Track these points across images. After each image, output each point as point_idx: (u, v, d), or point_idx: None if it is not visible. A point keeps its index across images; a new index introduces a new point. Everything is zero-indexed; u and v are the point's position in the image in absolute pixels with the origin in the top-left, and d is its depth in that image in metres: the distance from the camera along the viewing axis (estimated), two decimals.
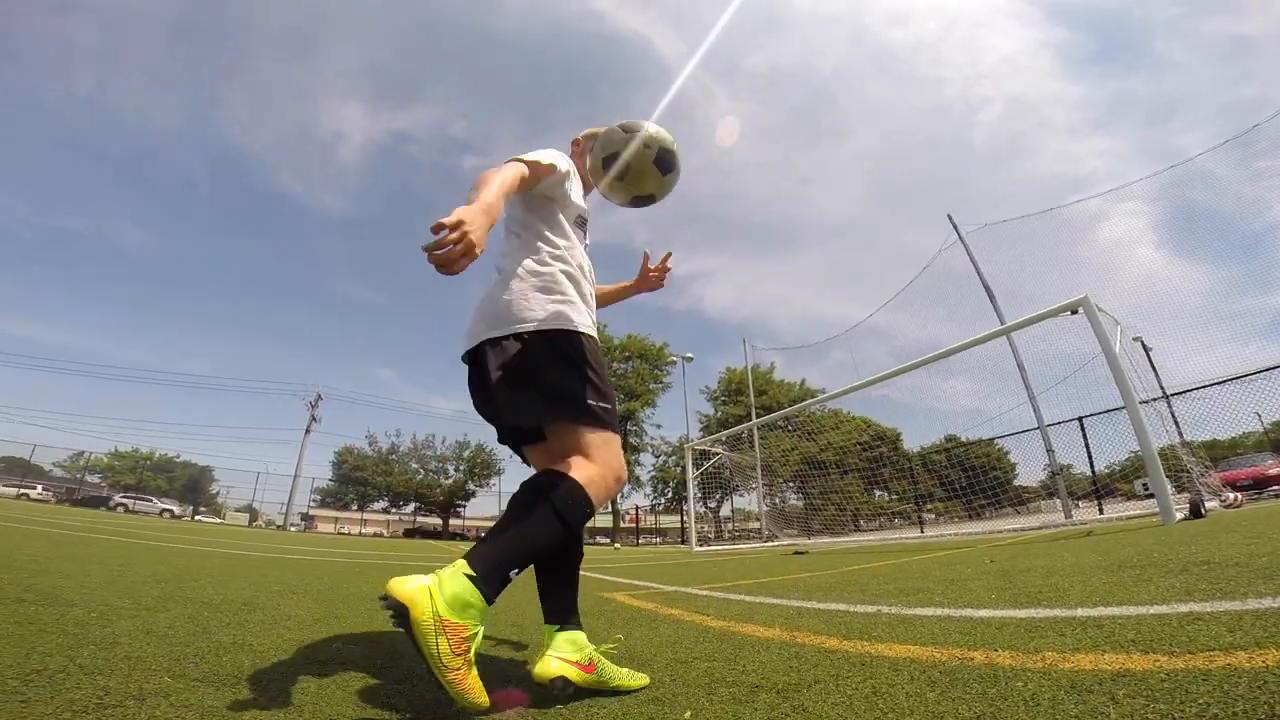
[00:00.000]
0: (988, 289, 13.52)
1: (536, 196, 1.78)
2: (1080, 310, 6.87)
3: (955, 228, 14.51)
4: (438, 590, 1.16)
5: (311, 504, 45.83)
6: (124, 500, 32.60)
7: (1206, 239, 12.51)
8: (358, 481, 48.47)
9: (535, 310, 1.59)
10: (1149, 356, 13.73)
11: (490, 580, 1.23)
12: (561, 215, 1.81)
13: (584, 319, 1.65)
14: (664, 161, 1.74)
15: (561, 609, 1.54)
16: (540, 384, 1.52)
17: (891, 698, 1.24)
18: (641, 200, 1.80)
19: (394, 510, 51.00)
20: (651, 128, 1.74)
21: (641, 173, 1.73)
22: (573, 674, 1.39)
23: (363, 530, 47.27)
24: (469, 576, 1.19)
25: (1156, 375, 12.81)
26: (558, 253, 1.73)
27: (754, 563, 7.17)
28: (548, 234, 1.75)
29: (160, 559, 4.79)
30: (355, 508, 50.51)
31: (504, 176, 1.51)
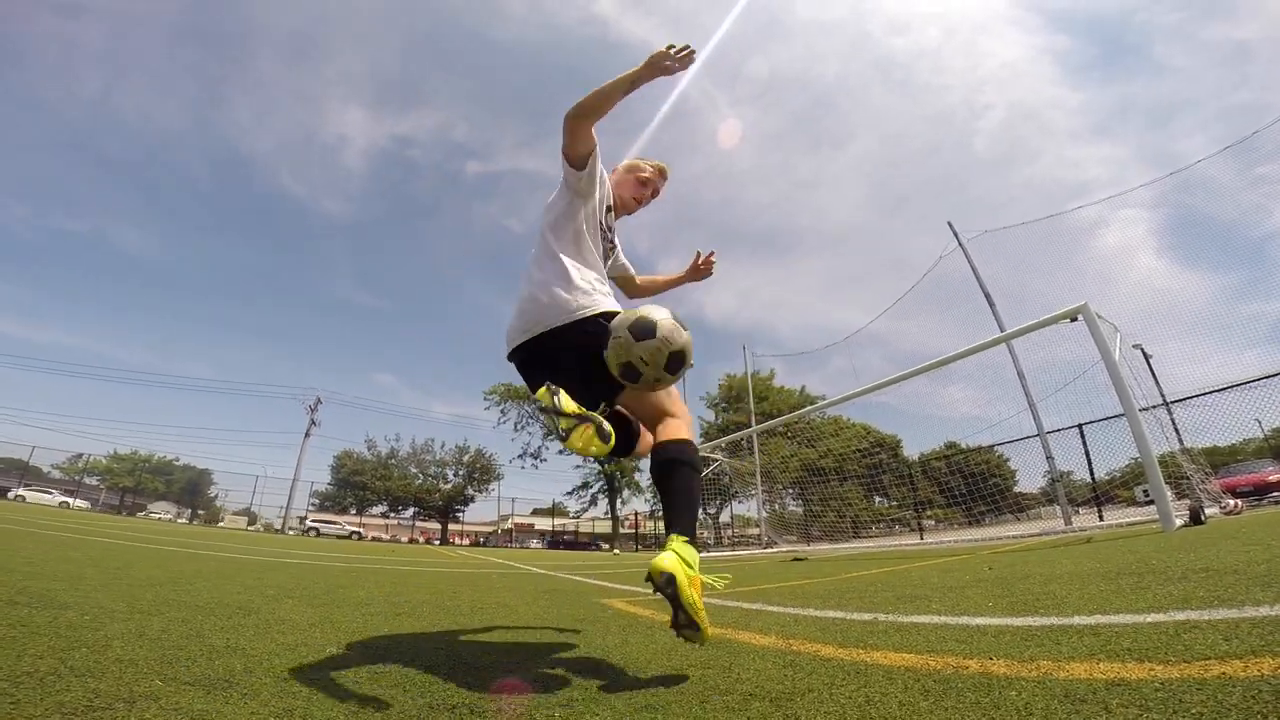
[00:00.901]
0: (987, 296, 13.50)
1: (562, 213, 2.12)
2: (1080, 317, 6.89)
3: (955, 234, 14.51)
4: (681, 559, 1.51)
5: (310, 508, 45.79)
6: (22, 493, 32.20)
7: (1207, 246, 12.49)
8: (357, 485, 48.43)
9: (583, 301, 1.95)
10: (1149, 363, 13.71)
11: (692, 536, 1.61)
12: (584, 233, 2.13)
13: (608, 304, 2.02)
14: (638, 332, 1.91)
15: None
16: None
17: (884, 706, 1.24)
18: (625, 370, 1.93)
19: (393, 515, 50.94)
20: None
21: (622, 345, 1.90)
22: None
23: (362, 533, 47.13)
24: (686, 541, 1.58)
25: (1156, 382, 12.79)
26: (575, 260, 2.07)
27: (752, 569, 7.14)
28: (562, 248, 2.08)
29: (158, 562, 4.79)
30: (354, 512, 50.45)
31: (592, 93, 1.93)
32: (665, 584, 1.46)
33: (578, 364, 1.95)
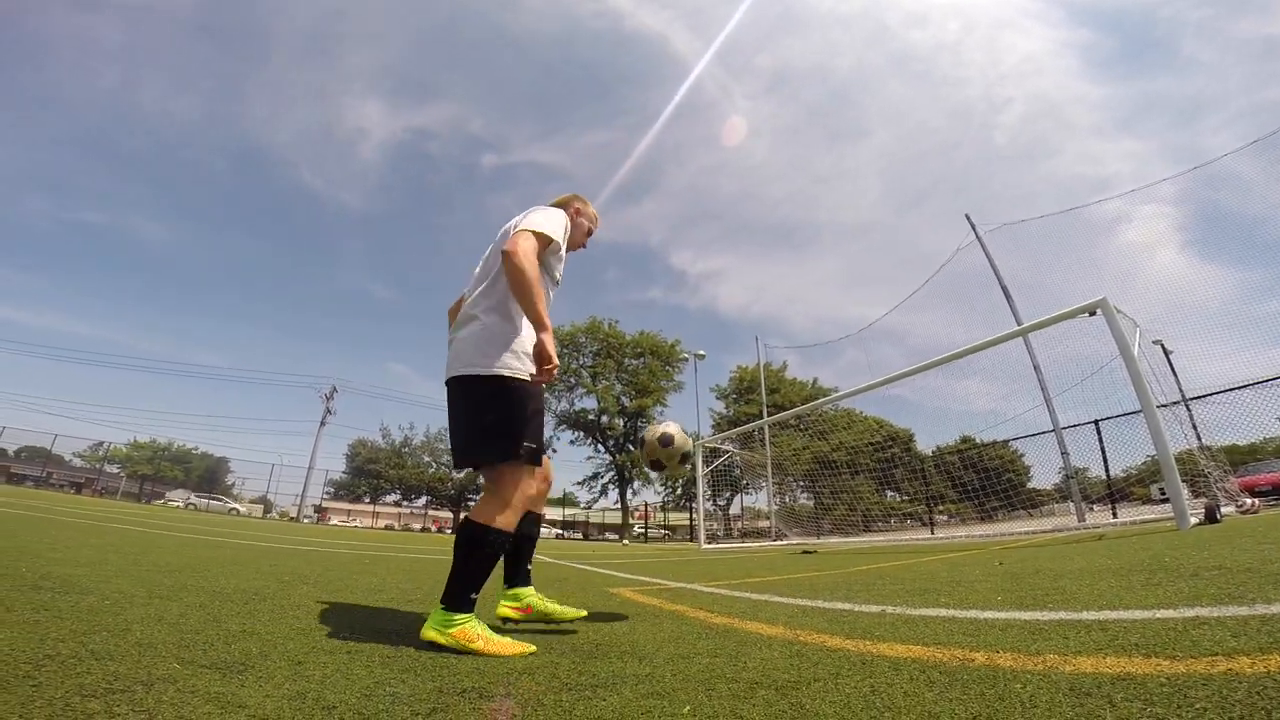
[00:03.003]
0: (1005, 289, 13.35)
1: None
2: (1099, 312, 6.79)
3: (973, 227, 14.34)
4: (435, 624, 1.82)
5: (325, 496, 46.27)
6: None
7: (1232, 242, 12.26)
8: (370, 474, 48.91)
9: (489, 358, 2.01)
10: (1169, 360, 13.52)
11: (457, 604, 1.84)
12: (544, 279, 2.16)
13: (524, 367, 2.04)
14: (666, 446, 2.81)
15: (510, 575, 2.39)
16: (476, 423, 2.03)
17: (889, 697, 1.25)
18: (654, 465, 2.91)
19: (406, 503, 51.41)
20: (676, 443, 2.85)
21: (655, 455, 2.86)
22: (512, 614, 2.32)
23: (374, 523, 47.65)
24: (442, 608, 1.84)
25: (1176, 378, 12.61)
26: (516, 312, 2.10)
27: (762, 561, 7.15)
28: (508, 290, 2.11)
29: (176, 548, 4.87)
30: (368, 500, 50.96)
31: (534, 278, 1.96)
32: (430, 646, 1.80)
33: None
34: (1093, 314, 6.90)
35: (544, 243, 2.09)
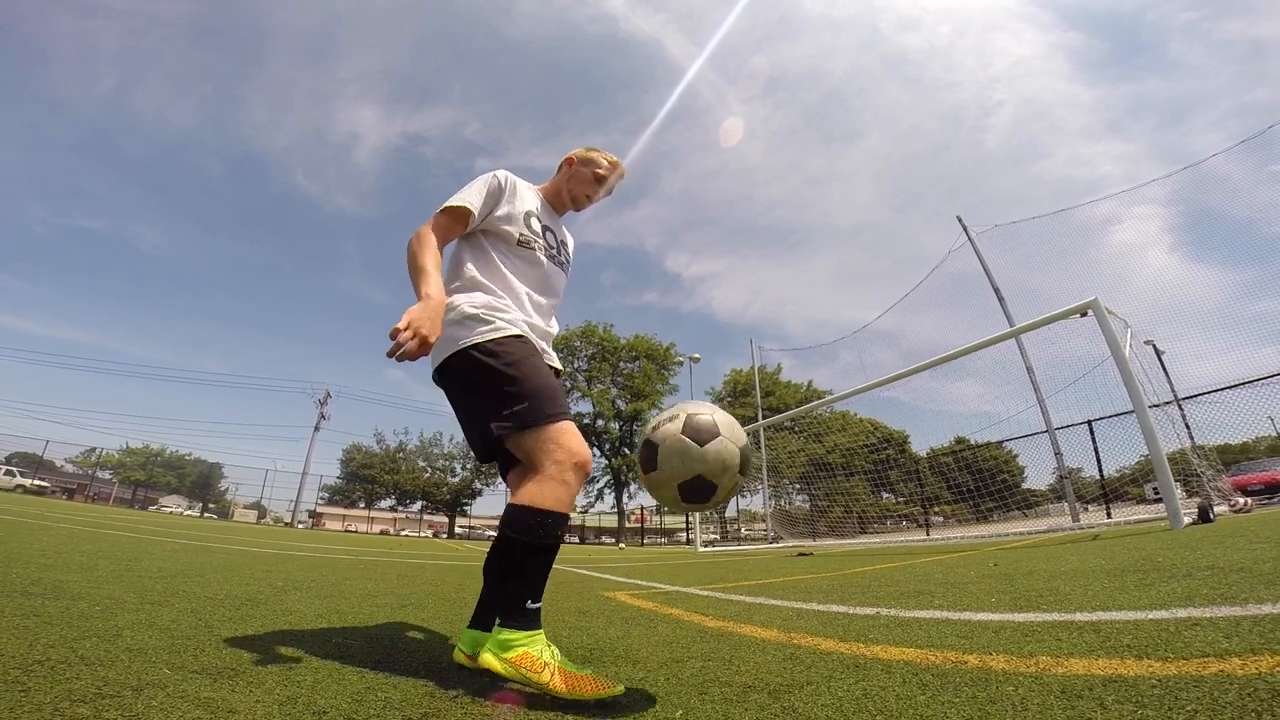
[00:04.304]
0: (997, 290, 13.41)
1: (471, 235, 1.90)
2: (1090, 313, 6.83)
3: (965, 229, 14.41)
4: (493, 647, 1.42)
5: (319, 501, 46.08)
6: None
7: (1221, 243, 12.36)
8: (365, 479, 48.71)
9: (443, 346, 1.71)
10: (1160, 360, 13.60)
11: (516, 619, 1.45)
12: (489, 246, 1.89)
13: (483, 330, 1.69)
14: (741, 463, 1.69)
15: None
16: (464, 413, 1.75)
17: (882, 700, 1.25)
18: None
19: (400, 508, 51.20)
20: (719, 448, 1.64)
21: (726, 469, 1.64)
22: (499, 667, 1.51)
23: (369, 528, 47.49)
24: (499, 625, 1.45)
25: (1168, 378, 12.69)
26: (478, 279, 1.82)
27: (757, 564, 7.16)
28: (468, 265, 1.85)
29: (168, 555, 4.84)
30: (362, 505, 50.74)
31: (431, 247, 1.71)
32: (487, 674, 1.44)
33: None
34: (1084, 315, 6.94)
35: (452, 215, 1.81)
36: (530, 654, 1.38)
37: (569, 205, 2.16)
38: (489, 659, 1.41)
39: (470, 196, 1.84)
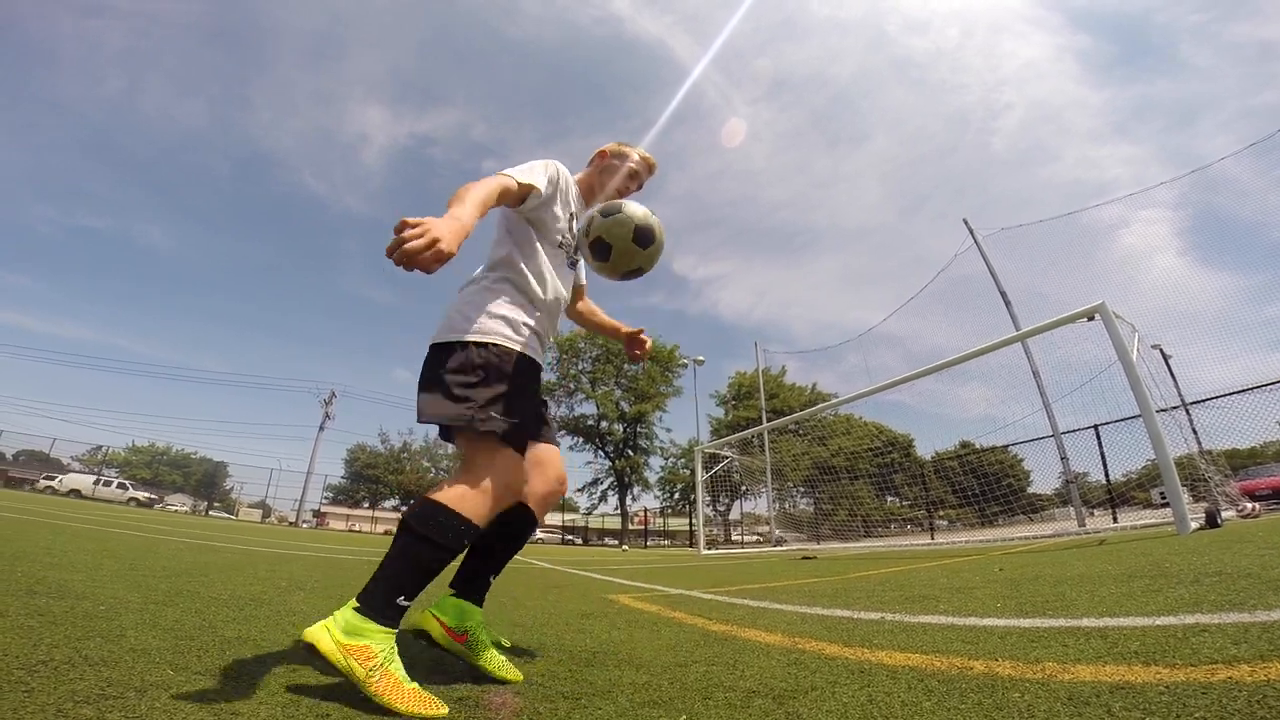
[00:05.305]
0: (1003, 294, 13.35)
1: (517, 217, 1.84)
2: (1097, 316, 6.79)
3: (971, 232, 14.36)
4: (333, 625, 1.32)
5: (324, 501, 46.20)
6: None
7: (1229, 246, 12.28)
8: (369, 479, 48.84)
9: (459, 324, 1.66)
10: (1168, 364, 13.53)
11: (376, 607, 1.36)
12: (538, 239, 1.85)
13: (495, 330, 1.67)
14: (642, 237, 1.81)
15: (463, 581, 1.76)
16: (433, 391, 1.61)
17: (887, 706, 1.24)
18: (630, 274, 1.90)
19: (405, 509, 51.25)
20: (628, 208, 1.84)
21: (624, 251, 1.82)
22: (436, 632, 1.66)
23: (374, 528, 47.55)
24: (355, 609, 1.35)
25: (1175, 383, 12.63)
26: (512, 275, 1.79)
27: (761, 567, 7.14)
28: (513, 256, 1.81)
29: (173, 554, 4.86)
30: (366, 505, 50.86)
31: (485, 189, 1.56)
32: (308, 651, 1.30)
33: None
34: (1091, 319, 6.90)
35: (521, 190, 1.73)
36: (370, 649, 1.31)
37: (609, 199, 2.11)
38: (321, 636, 1.29)
39: (540, 181, 1.79)
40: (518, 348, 1.70)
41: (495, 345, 1.65)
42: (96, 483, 32.26)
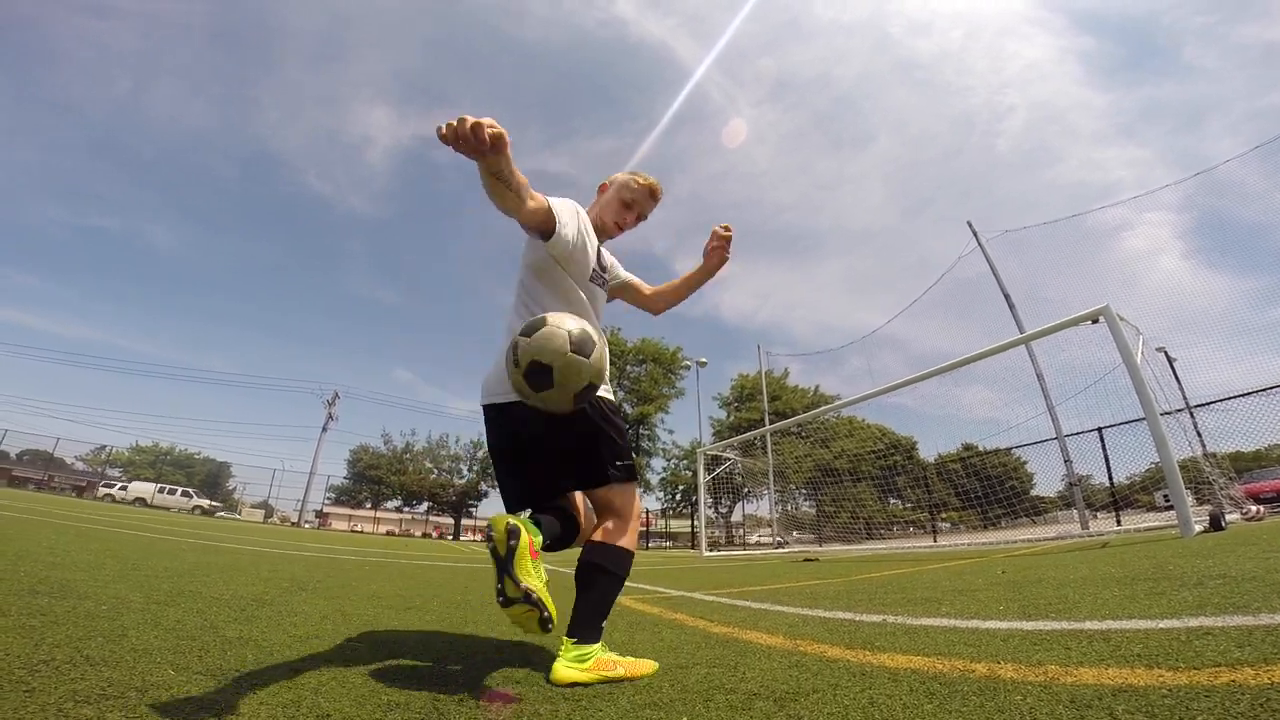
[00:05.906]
0: (1007, 296, 13.33)
1: (541, 262, 1.86)
2: (1101, 319, 6.77)
3: (975, 234, 14.34)
4: (571, 662, 1.57)
5: (326, 501, 46.26)
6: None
7: (1235, 249, 12.24)
8: (372, 480, 48.83)
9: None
10: (1172, 367, 13.47)
11: (590, 635, 1.65)
12: (569, 279, 1.90)
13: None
14: (581, 345, 1.57)
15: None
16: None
17: (888, 708, 1.23)
18: (583, 395, 1.61)
19: (407, 509, 51.31)
20: (552, 318, 1.60)
21: (566, 368, 1.55)
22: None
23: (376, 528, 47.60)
24: (575, 641, 1.61)
25: (1180, 386, 12.56)
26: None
27: (763, 569, 7.13)
28: (547, 302, 1.86)
29: (175, 554, 4.86)
30: (369, 506, 50.86)
31: (525, 184, 1.63)
32: (569, 686, 1.52)
33: (547, 444, 1.79)
34: (1095, 321, 6.88)
35: (546, 218, 1.75)
36: (602, 660, 1.60)
37: (608, 232, 2.14)
38: (571, 674, 1.53)
39: (563, 215, 1.82)
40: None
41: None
42: (160, 491, 32.93)
